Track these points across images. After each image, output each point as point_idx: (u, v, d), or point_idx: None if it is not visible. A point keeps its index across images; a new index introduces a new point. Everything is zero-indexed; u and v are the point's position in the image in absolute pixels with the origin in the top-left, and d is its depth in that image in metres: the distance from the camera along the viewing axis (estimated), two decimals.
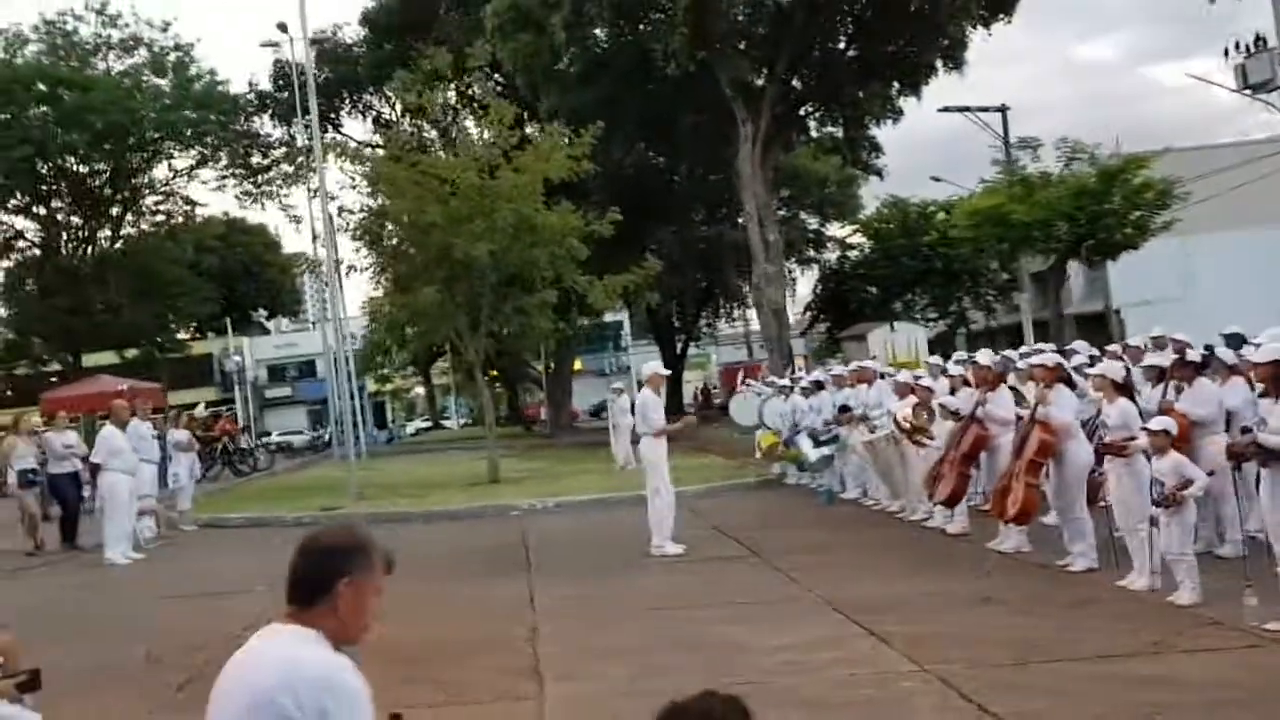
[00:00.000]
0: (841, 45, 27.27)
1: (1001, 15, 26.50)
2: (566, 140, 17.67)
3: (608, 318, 41.00)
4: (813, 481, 16.64)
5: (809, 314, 44.24)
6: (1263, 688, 5.78)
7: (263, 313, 68.35)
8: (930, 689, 6.11)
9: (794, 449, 16.24)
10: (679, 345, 48.25)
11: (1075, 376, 9.99)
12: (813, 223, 43.00)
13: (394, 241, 18.86)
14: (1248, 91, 21.27)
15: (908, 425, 11.52)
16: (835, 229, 43.74)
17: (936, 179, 32.81)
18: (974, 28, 26.75)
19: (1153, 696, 5.71)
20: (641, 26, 24.21)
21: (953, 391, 11.65)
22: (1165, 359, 9.84)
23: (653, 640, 7.62)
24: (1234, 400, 9.12)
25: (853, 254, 41.61)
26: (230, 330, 57.85)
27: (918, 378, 12.52)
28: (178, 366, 46.83)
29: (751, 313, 48.45)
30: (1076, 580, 8.80)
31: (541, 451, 29.53)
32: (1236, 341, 10.80)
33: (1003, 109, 30.56)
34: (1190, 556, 7.75)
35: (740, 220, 34.62)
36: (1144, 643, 6.73)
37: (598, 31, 24.35)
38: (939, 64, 26.97)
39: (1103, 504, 8.93)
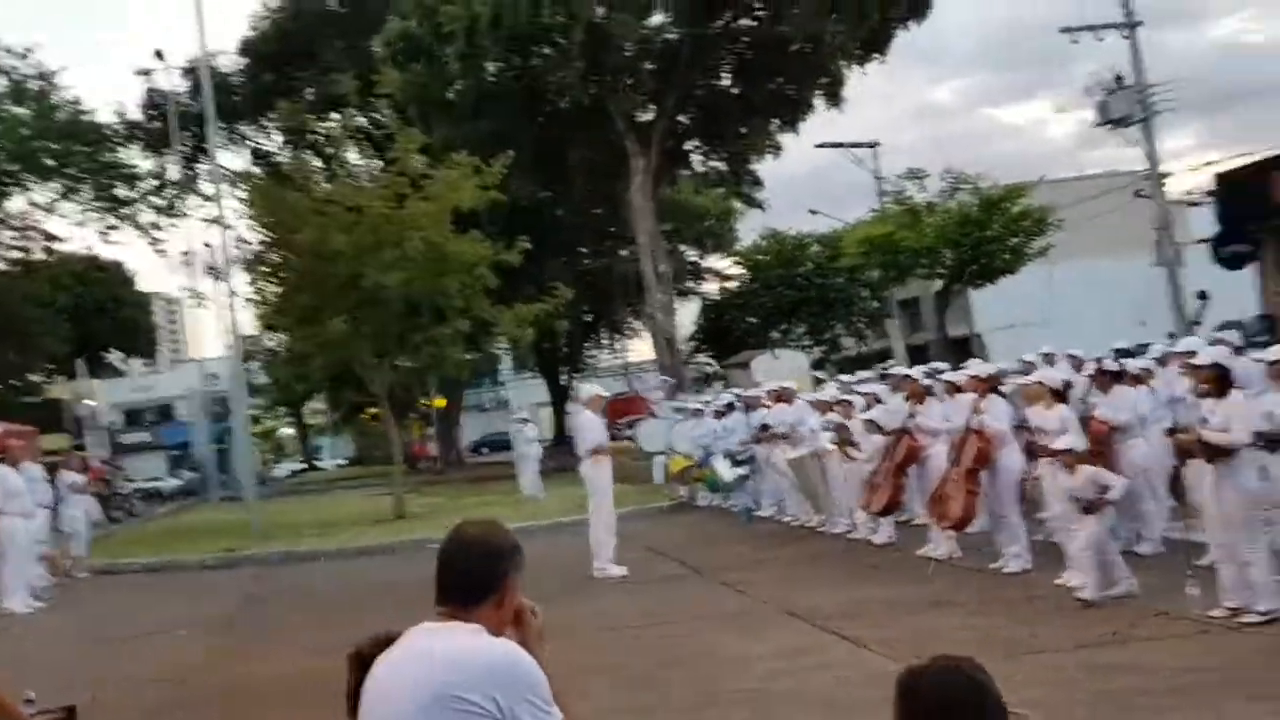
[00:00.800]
0: (726, 83, 28.03)
1: (875, 55, 27.68)
2: (475, 170, 17.65)
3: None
4: (725, 501, 16.96)
5: (692, 343, 45.03)
6: (1226, 667, 6.20)
7: (117, 354, 65.51)
8: None
9: (709, 471, 16.53)
10: (562, 377, 48.35)
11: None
12: (692, 255, 43.86)
13: (293, 273, 18.44)
14: (1109, 125, 22.74)
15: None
16: (714, 261, 44.75)
17: (814, 211, 34.00)
18: (849, 67, 27.86)
19: (1128, 682, 6.07)
20: (535, 60, 24.44)
21: (868, 407, 12.12)
22: (1064, 373, 10.44)
23: (633, 657, 7.69)
24: (1149, 405, 9.81)
25: (732, 285, 42.65)
26: (84, 372, 55.26)
27: (839, 397, 12.93)
28: (29, 410, 44.44)
29: (633, 343, 48.98)
30: (1016, 581, 9.22)
31: (436, 487, 29.15)
32: (1126, 355, 11.58)
33: (874, 145, 31.95)
34: (1116, 555, 8.27)
35: (625, 252, 35.13)
36: (1103, 634, 7.13)
37: (489, 65, 24.46)
38: (819, 101, 27.94)
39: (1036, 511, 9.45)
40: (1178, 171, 23.47)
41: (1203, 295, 12.84)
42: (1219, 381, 7.13)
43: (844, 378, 14.33)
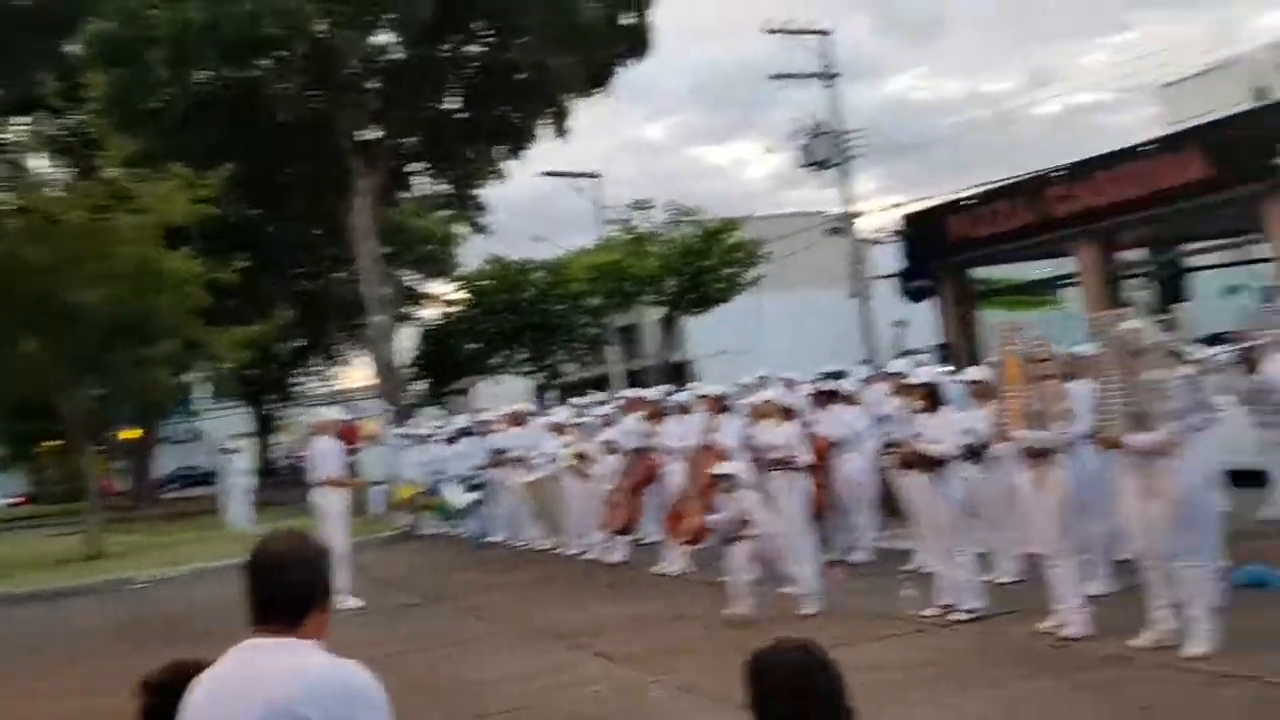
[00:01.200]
0: (454, 106, 27.90)
1: (598, 88, 28.43)
2: (188, 183, 16.59)
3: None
4: (455, 528, 16.78)
5: (411, 369, 44.17)
6: (941, 661, 6.79)
7: None
8: (681, 695, 6.57)
9: (438, 497, 16.30)
10: (268, 406, 46.13)
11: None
12: (412, 279, 43.11)
13: None
14: (812, 167, 24.47)
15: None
16: (435, 285, 44.18)
17: (538, 238, 34.37)
18: (574, 99, 28.43)
19: (870, 678, 6.51)
20: (254, 71, 23.35)
21: (602, 428, 12.43)
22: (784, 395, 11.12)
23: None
24: (863, 423, 10.63)
25: (453, 310, 42.28)
26: None
27: (574, 420, 13.13)
28: None
29: (346, 370, 47.48)
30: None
31: (130, 524, 26.98)
32: (834, 377, 12.50)
33: (595, 175, 32.81)
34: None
35: (343, 274, 34.06)
36: (835, 637, 7.62)
37: (201, 73, 23.12)
38: (544, 129, 28.34)
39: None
40: (866, 212, 25.97)
41: (900, 323, 14.08)
42: (931, 399, 7.85)
43: (577, 401, 14.58)
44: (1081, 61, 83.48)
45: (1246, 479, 9.29)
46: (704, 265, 23.39)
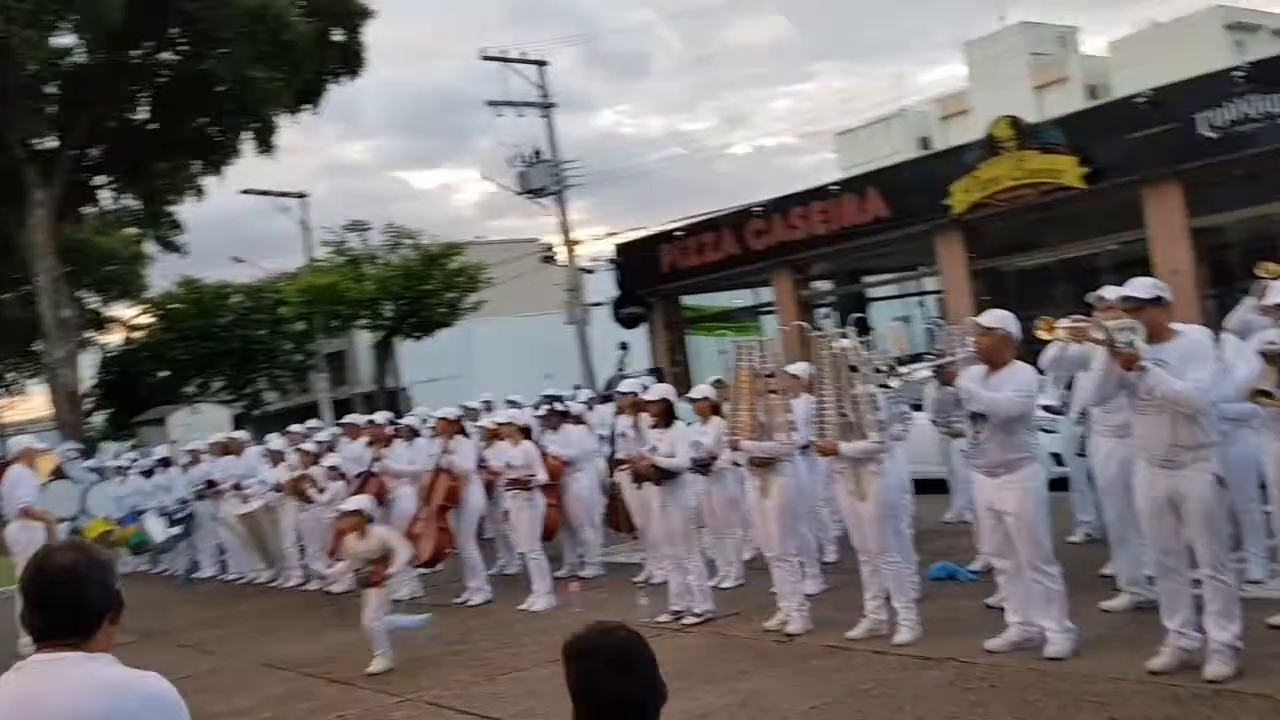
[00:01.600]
0: (145, 116, 26.17)
1: (307, 105, 27.61)
2: None
3: None
4: (155, 566, 15.73)
5: (92, 398, 40.70)
6: (689, 659, 7.10)
7: None
8: (426, 710, 6.55)
9: (135, 530, 15.19)
10: None
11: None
12: (94, 301, 39.82)
13: None
14: (529, 194, 24.86)
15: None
16: (119, 309, 41.00)
17: (238, 259, 32.71)
18: (280, 115, 27.44)
19: None
20: None
21: (325, 453, 12.07)
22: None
23: None
24: (590, 443, 10.99)
25: (138, 335, 39.41)
26: None
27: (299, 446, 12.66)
28: None
29: (18, 399, 43.12)
30: (481, 611, 9.76)
31: None
32: (557, 399, 12.82)
33: (302, 195, 31.67)
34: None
35: (10, 294, 31.09)
36: None
37: None
38: (248, 146, 27.13)
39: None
40: (580, 240, 26.57)
41: (624, 346, 14.66)
42: (665, 414, 8.25)
43: (295, 428, 14.06)
44: (769, 106, 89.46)
45: (931, 486, 10.40)
46: (425, 289, 23.19)
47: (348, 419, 13.41)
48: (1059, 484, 8.15)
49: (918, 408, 7.94)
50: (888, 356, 6.73)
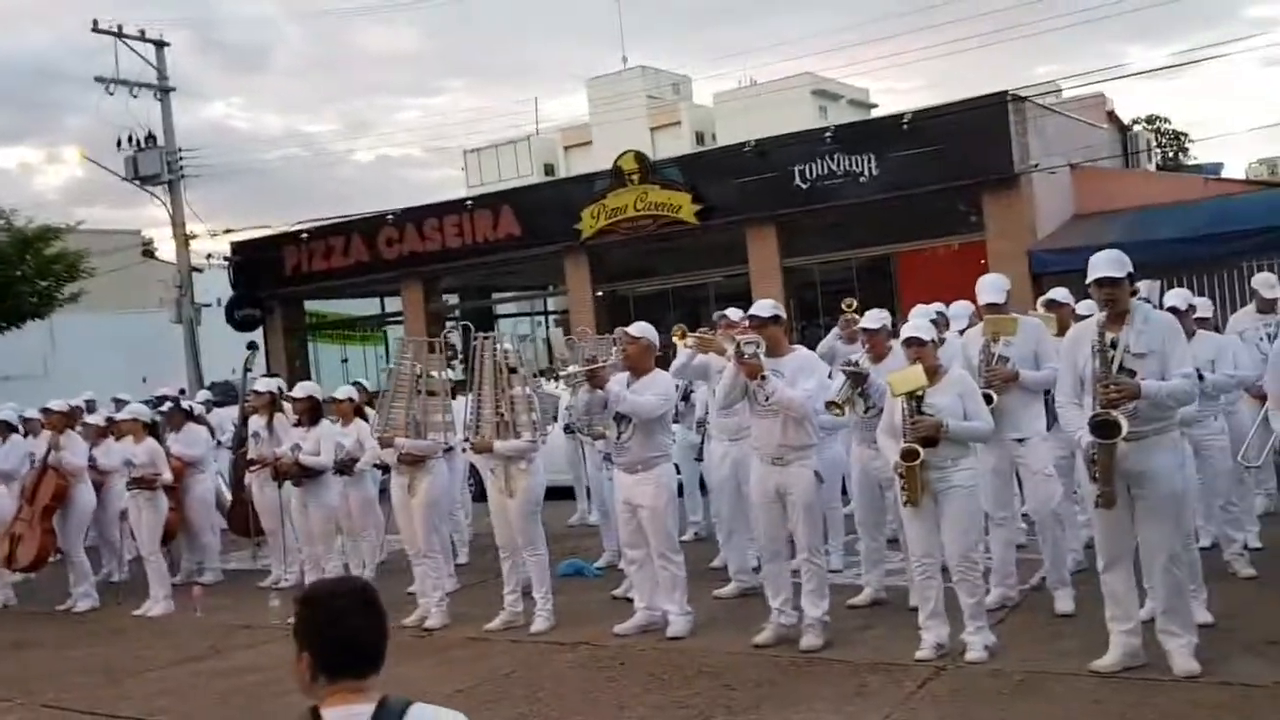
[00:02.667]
0: None
1: None
2: None
3: None
4: None
5: None
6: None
7: None
8: (44, 714, 6.17)
9: None
10: None
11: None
12: None
13: None
14: (137, 181, 23.11)
15: None
16: None
17: None
18: None
19: (251, 679, 6.72)
20: None
21: None
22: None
23: None
24: (211, 445, 10.66)
25: None
26: None
27: None
28: None
29: None
30: (91, 618, 9.17)
31: None
32: (170, 400, 12.26)
33: None
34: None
35: None
36: (208, 648, 7.65)
37: None
38: None
39: None
40: (193, 235, 24.66)
41: (252, 346, 14.09)
42: (311, 412, 8.24)
43: None
44: (396, 116, 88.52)
45: (560, 494, 11.04)
46: (15, 275, 20.86)
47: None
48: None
49: (554, 419, 8.50)
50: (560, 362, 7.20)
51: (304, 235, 21.82)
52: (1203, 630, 5.39)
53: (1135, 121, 31.04)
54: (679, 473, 9.80)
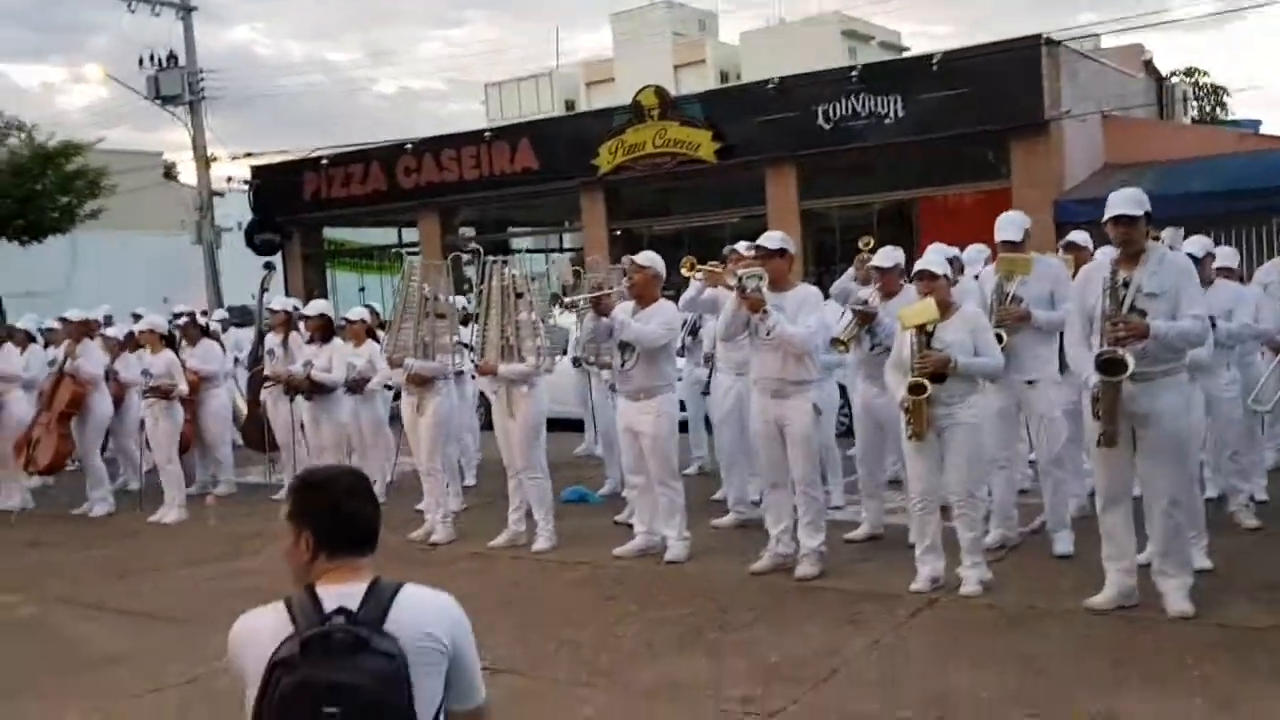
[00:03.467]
0: None
1: None
2: None
3: None
4: None
5: None
6: None
7: None
8: (55, 607, 6.32)
9: None
10: None
11: None
12: None
13: None
14: (159, 101, 23.05)
15: None
16: None
17: None
18: None
19: (254, 581, 6.84)
20: None
21: None
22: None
23: None
24: (227, 361, 10.77)
25: None
26: None
27: None
28: None
29: None
30: (105, 522, 9.36)
31: None
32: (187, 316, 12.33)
33: None
34: None
35: None
36: (223, 553, 7.79)
37: None
38: None
39: None
40: (217, 158, 24.68)
41: (269, 266, 14.15)
42: (324, 330, 8.30)
43: None
44: (418, 47, 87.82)
45: (568, 425, 11.12)
46: (36, 190, 20.88)
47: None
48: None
49: (562, 352, 8.52)
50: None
51: (324, 162, 21.76)
52: (1201, 575, 5.43)
53: (1173, 74, 30.49)
54: (684, 409, 9.96)
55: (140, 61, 22.72)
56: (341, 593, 2.29)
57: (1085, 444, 6.56)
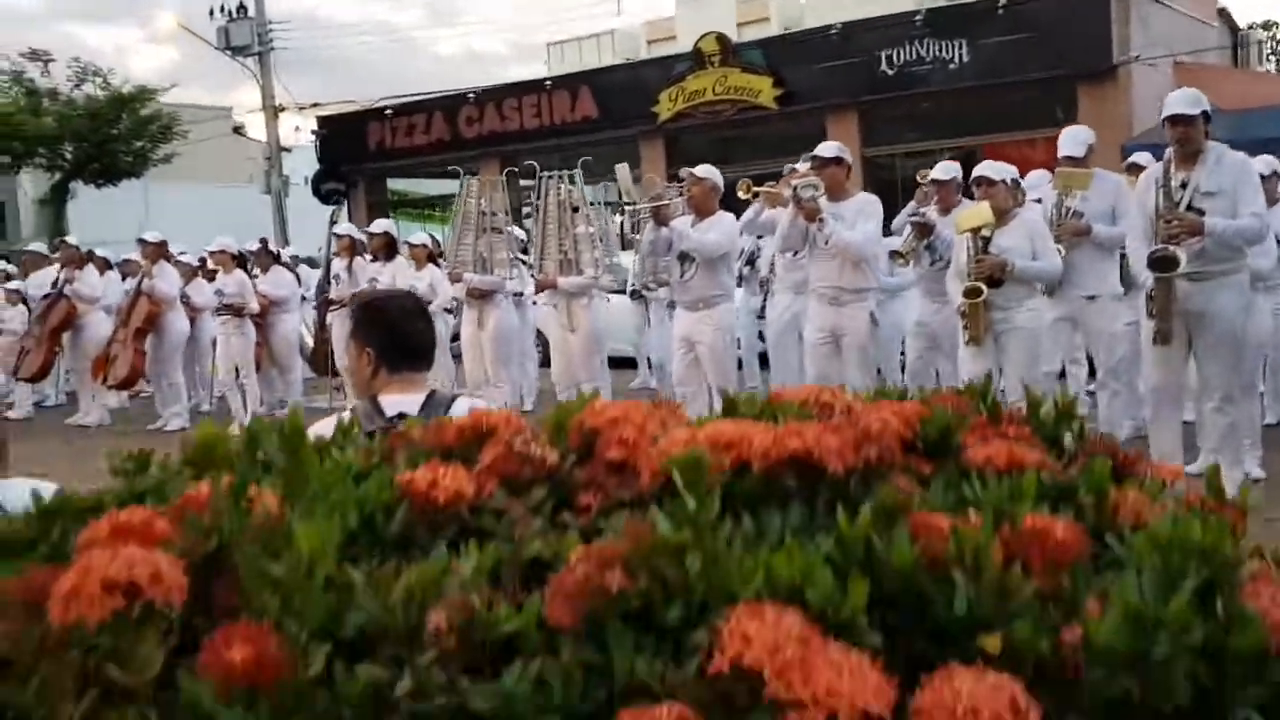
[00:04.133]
0: None
1: None
2: None
3: None
4: None
5: None
6: None
7: None
8: None
9: None
10: None
11: None
12: None
13: None
14: (229, 51, 23.48)
15: None
16: None
17: None
18: None
19: None
20: None
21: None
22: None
23: None
24: (297, 289, 11.04)
25: None
26: None
27: None
28: None
29: None
30: (175, 436, 9.63)
31: None
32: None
33: None
34: None
35: None
36: None
37: None
38: None
39: None
40: (285, 108, 25.16)
41: (337, 202, 14.47)
42: (387, 248, 8.51)
43: None
44: (478, 4, 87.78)
45: (623, 363, 11.24)
46: (112, 134, 21.45)
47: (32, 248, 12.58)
48: None
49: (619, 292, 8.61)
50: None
51: (388, 112, 22.05)
52: (1251, 483, 5.41)
53: (1251, 26, 29.60)
54: (739, 347, 10.02)
55: (211, 12, 23.16)
56: (401, 400, 2.46)
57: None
